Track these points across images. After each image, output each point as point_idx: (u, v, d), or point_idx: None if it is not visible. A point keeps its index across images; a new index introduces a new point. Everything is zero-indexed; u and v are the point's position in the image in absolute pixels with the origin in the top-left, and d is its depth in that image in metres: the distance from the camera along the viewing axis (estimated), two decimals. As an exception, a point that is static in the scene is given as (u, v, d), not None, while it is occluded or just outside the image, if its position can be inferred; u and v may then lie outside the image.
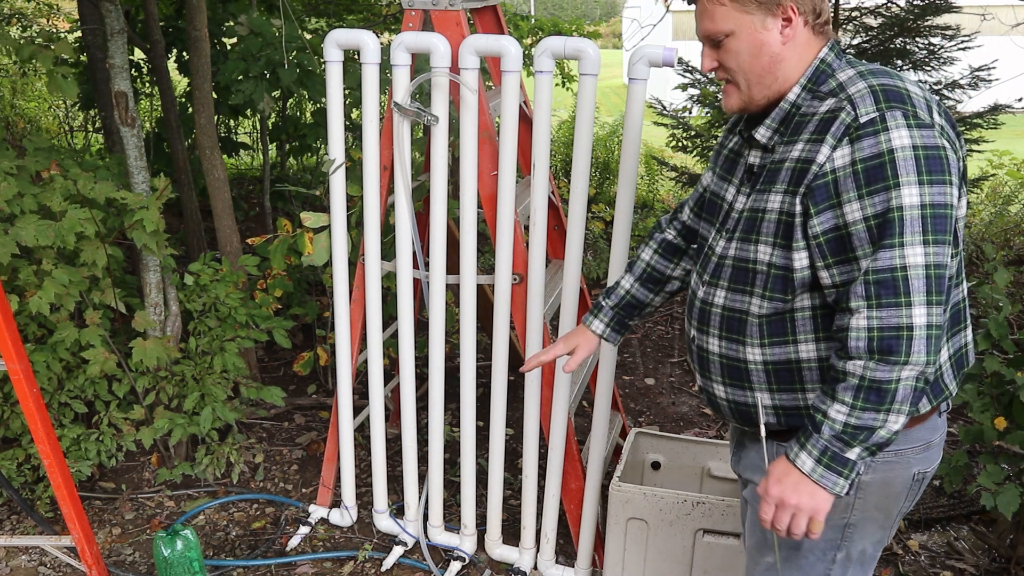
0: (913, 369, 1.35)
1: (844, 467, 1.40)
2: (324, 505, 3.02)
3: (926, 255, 1.32)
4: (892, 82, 1.39)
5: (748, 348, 1.55)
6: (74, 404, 2.97)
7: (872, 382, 1.36)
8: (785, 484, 1.44)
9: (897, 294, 1.33)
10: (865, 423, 1.37)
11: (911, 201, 1.31)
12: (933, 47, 4.67)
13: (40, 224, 2.63)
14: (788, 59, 1.47)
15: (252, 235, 3.16)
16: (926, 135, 1.33)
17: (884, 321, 1.34)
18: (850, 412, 1.38)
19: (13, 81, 7.66)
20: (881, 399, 1.36)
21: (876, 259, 1.34)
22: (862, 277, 1.36)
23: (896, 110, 1.34)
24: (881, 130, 1.33)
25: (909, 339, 1.33)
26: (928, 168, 1.32)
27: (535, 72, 2.24)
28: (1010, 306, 2.57)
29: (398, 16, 5.48)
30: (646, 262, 1.91)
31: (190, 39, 3.44)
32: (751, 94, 1.51)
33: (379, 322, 2.72)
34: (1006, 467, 2.45)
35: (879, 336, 1.34)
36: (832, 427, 1.39)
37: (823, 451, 1.40)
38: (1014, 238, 5.74)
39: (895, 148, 1.32)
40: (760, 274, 1.50)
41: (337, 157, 2.57)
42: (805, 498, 1.42)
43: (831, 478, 1.41)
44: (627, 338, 4.57)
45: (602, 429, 2.52)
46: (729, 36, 1.47)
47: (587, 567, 2.66)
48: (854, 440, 1.38)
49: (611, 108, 13.69)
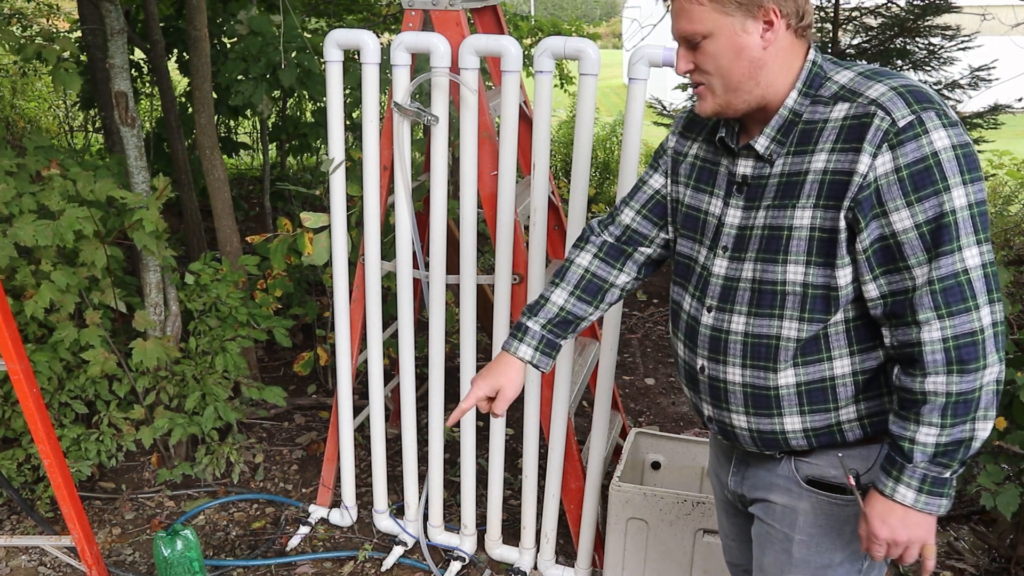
0: (991, 373, 1.33)
1: (944, 487, 1.37)
2: (324, 505, 3.02)
3: (981, 254, 1.31)
4: (909, 82, 1.36)
5: (780, 373, 1.48)
6: (74, 404, 2.97)
7: (957, 396, 1.32)
8: (892, 523, 1.39)
9: (965, 299, 1.31)
10: (955, 438, 1.34)
11: (961, 203, 1.29)
12: (933, 47, 4.67)
13: (39, 224, 2.63)
14: (769, 64, 1.41)
15: (252, 235, 3.15)
16: (959, 133, 1.31)
17: (958, 328, 1.31)
18: (940, 432, 1.34)
19: (13, 81, 7.66)
20: (968, 410, 1.33)
21: (939, 267, 1.31)
22: (926, 287, 1.32)
23: (930, 111, 1.31)
24: (921, 132, 1.30)
25: (983, 342, 1.31)
26: (968, 166, 1.30)
27: (535, 72, 2.24)
28: (1010, 306, 2.57)
29: (398, 16, 5.48)
30: (584, 268, 1.72)
31: (190, 39, 3.44)
32: (728, 99, 1.44)
33: (379, 322, 2.72)
34: (1006, 467, 2.45)
35: (955, 345, 1.32)
36: (925, 452, 1.35)
37: (922, 479, 1.36)
38: (1014, 238, 5.74)
39: (939, 150, 1.29)
40: (793, 295, 1.43)
41: (337, 157, 2.57)
42: (914, 530, 1.39)
43: (935, 502, 1.37)
44: (627, 338, 4.57)
45: (602, 429, 2.52)
46: (707, 38, 1.40)
47: (587, 567, 2.66)
48: (951, 460, 1.35)
49: (611, 108, 13.69)
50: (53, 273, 2.74)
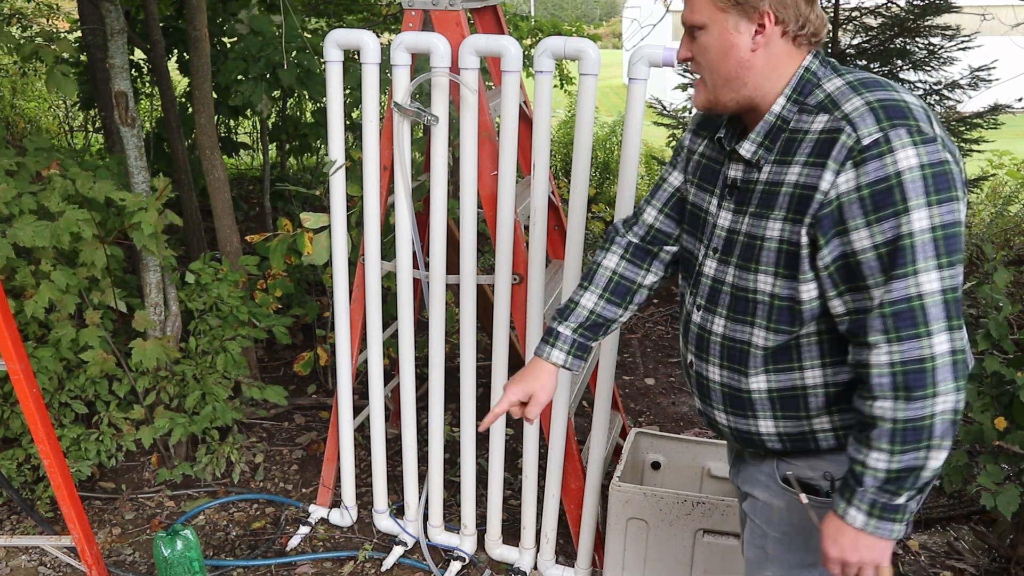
0: (944, 402, 1.29)
1: (896, 512, 1.35)
2: (324, 505, 3.02)
3: (941, 279, 1.27)
4: (889, 95, 1.32)
5: (751, 378, 1.50)
6: (74, 404, 2.97)
7: (906, 423, 1.30)
8: (842, 544, 1.40)
9: (916, 324, 1.28)
10: (906, 465, 1.32)
11: (921, 225, 1.26)
12: (933, 47, 4.67)
13: (38, 225, 2.63)
14: (759, 68, 1.40)
15: (252, 235, 3.16)
16: (932, 151, 1.27)
17: (906, 354, 1.29)
18: (890, 458, 1.32)
19: (13, 81, 7.66)
20: (919, 438, 1.30)
21: (890, 290, 1.28)
22: (877, 310, 1.30)
23: (900, 127, 1.28)
24: (886, 152, 1.27)
25: (933, 370, 1.28)
26: (936, 187, 1.26)
27: (535, 72, 2.24)
28: (1010, 306, 2.57)
29: (398, 16, 5.48)
30: (612, 270, 1.74)
31: (190, 39, 3.44)
32: (716, 94, 1.45)
33: (379, 322, 2.72)
34: (1006, 467, 2.45)
35: (902, 371, 1.29)
36: (875, 476, 1.34)
37: (872, 504, 1.35)
38: (1014, 238, 5.74)
39: (902, 170, 1.26)
40: (763, 304, 1.44)
41: (337, 157, 2.57)
42: (865, 552, 1.38)
43: (886, 527, 1.36)
44: (627, 338, 4.57)
45: (602, 429, 2.52)
46: (702, 30, 1.41)
47: (587, 567, 2.66)
48: (900, 487, 1.33)
49: (611, 108, 13.69)
50: (53, 273, 2.74)
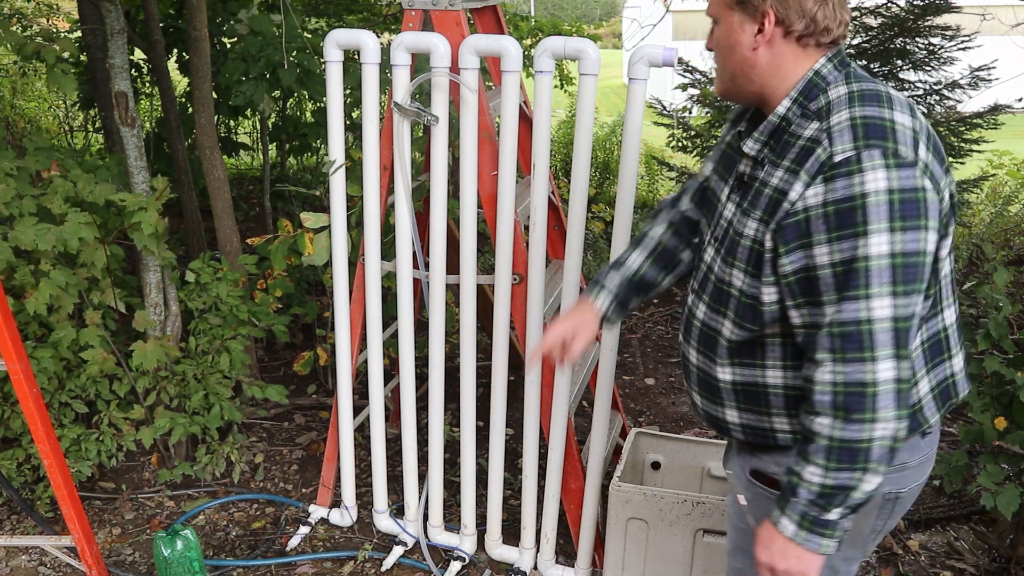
0: (884, 428, 1.30)
1: (826, 528, 1.37)
2: (324, 505, 3.02)
3: (894, 307, 1.26)
4: (878, 112, 1.31)
5: (719, 367, 1.54)
6: (74, 404, 2.97)
7: (842, 442, 1.32)
8: (772, 550, 1.42)
9: (862, 348, 1.28)
10: (841, 483, 1.33)
11: (879, 250, 1.25)
12: (933, 47, 4.67)
13: (40, 228, 2.63)
14: (762, 67, 1.41)
15: (252, 235, 3.16)
16: (905, 176, 1.25)
17: (848, 376, 1.30)
18: (825, 474, 1.34)
19: (13, 81, 7.66)
20: (854, 458, 1.32)
21: (841, 310, 1.28)
22: (827, 329, 1.31)
23: (875, 148, 1.26)
24: (856, 171, 1.25)
25: (874, 395, 1.29)
26: (903, 213, 1.24)
27: (535, 72, 2.24)
28: (1010, 306, 2.57)
29: (398, 16, 5.48)
30: (657, 240, 1.77)
31: (190, 39, 3.44)
32: (726, 86, 1.49)
33: (379, 322, 2.72)
34: (1006, 467, 2.46)
35: (844, 392, 1.30)
36: (809, 489, 1.36)
37: (803, 515, 1.38)
38: (1014, 238, 5.74)
39: (868, 192, 1.24)
40: (733, 299, 1.47)
41: (337, 157, 2.57)
42: (793, 562, 1.41)
43: (815, 540, 1.38)
44: (627, 338, 4.57)
45: (602, 429, 2.52)
46: (716, 23, 1.46)
47: (587, 567, 2.66)
48: (832, 502, 1.35)
49: (611, 108, 13.70)
50: (52, 272, 2.74)
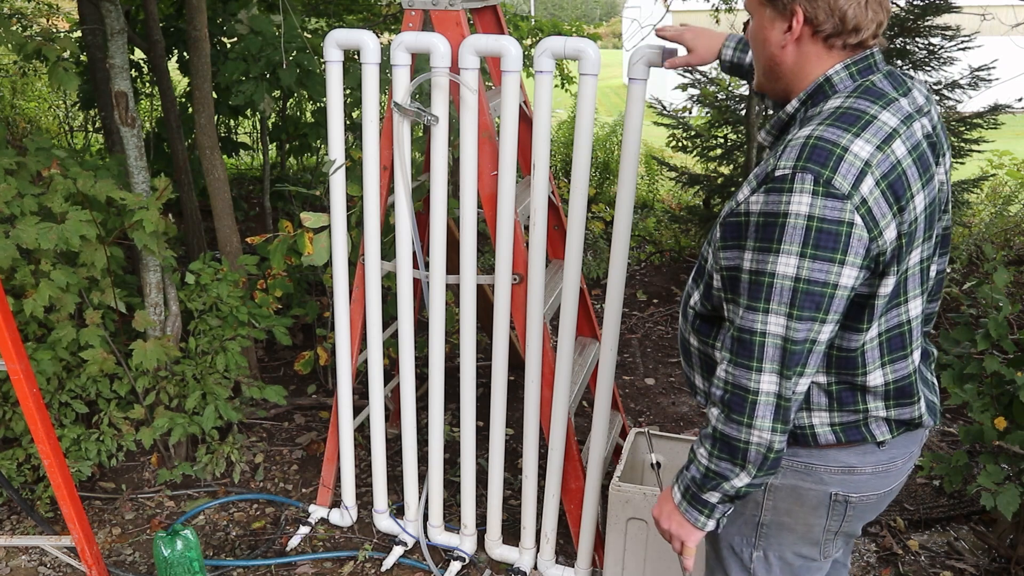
0: (760, 437, 1.35)
1: (704, 507, 1.47)
2: (324, 505, 3.02)
3: (787, 328, 1.30)
4: (836, 137, 1.28)
5: (691, 334, 1.61)
6: (74, 404, 2.97)
7: (722, 435, 1.39)
8: (663, 508, 1.55)
9: (751, 357, 1.33)
10: (719, 471, 1.41)
11: (785, 271, 1.27)
12: (933, 47, 4.68)
13: (41, 227, 2.63)
14: (788, 65, 1.42)
15: (252, 235, 3.16)
16: (830, 207, 1.24)
17: (736, 379, 1.36)
18: (709, 458, 1.42)
19: (13, 81, 7.66)
20: (733, 454, 1.38)
21: (743, 317, 1.34)
22: (731, 329, 1.37)
23: (809, 172, 1.26)
24: (786, 190, 1.27)
25: (753, 403, 1.34)
26: (816, 242, 1.25)
27: (535, 72, 2.24)
28: (1010, 306, 2.57)
29: (398, 16, 5.48)
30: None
31: (190, 39, 3.44)
32: (760, 80, 1.51)
33: (379, 322, 2.72)
34: (1006, 467, 2.45)
35: (731, 391, 1.37)
36: (697, 468, 1.45)
37: (686, 489, 1.48)
38: (1014, 238, 5.74)
39: (790, 212, 1.26)
40: (704, 274, 1.54)
41: (337, 157, 2.57)
42: (675, 526, 1.52)
43: (693, 514, 1.48)
44: (627, 338, 4.57)
45: (602, 429, 2.52)
46: (752, 18, 1.47)
47: (587, 567, 2.66)
48: (706, 485, 1.44)
49: (611, 108, 13.69)
50: (52, 272, 2.74)
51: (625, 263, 2.33)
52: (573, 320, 2.42)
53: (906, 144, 1.33)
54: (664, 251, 5.88)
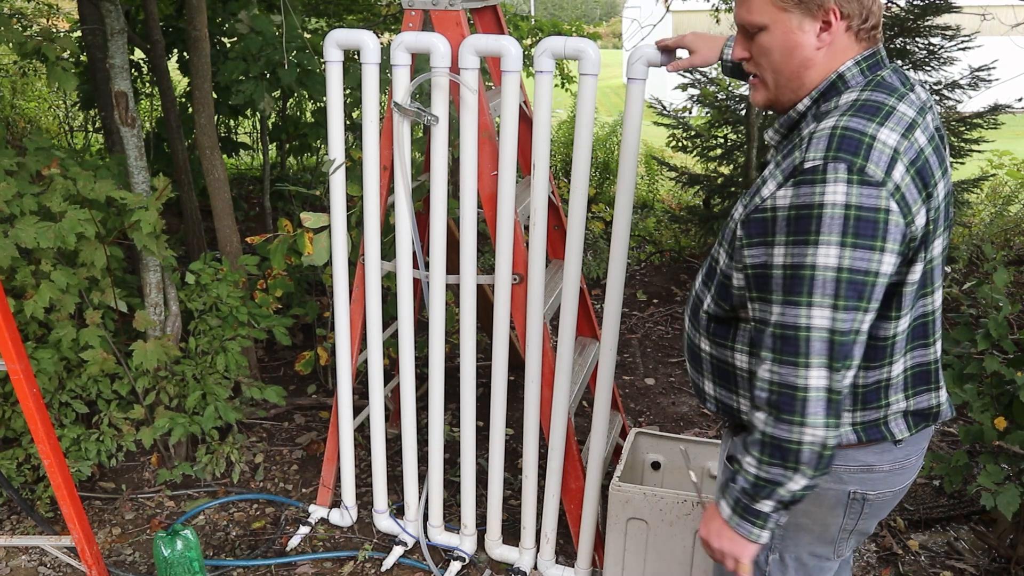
0: (812, 434, 1.32)
1: (757, 518, 1.42)
2: (324, 505, 3.02)
3: (833, 319, 1.28)
4: (862, 126, 1.29)
5: (701, 339, 1.59)
6: (74, 404, 2.97)
7: (773, 439, 1.35)
8: (711, 527, 1.49)
9: (797, 353, 1.30)
10: (772, 477, 1.37)
11: (826, 262, 1.26)
12: (933, 47, 4.68)
13: (40, 226, 2.63)
14: (820, 65, 1.39)
15: (252, 235, 3.16)
16: (867, 194, 1.25)
17: (783, 377, 1.32)
18: (759, 466, 1.38)
19: (13, 81, 7.66)
20: (785, 457, 1.34)
21: (784, 313, 1.31)
22: (770, 328, 1.34)
23: (841, 162, 1.26)
24: (819, 180, 1.26)
25: (804, 400, 1.31)
26: (856, 231, 1.25)
27: (535, 72, 2.24)
28: (1010, 306, 2.57)
29: (398, 16, 5.48)
30: None
31: (190, 39, 3.44)
32: (776, 94, 1.45)
33: (379, 322, 2.72)
34: (1006, 467, 2.45)
35: (778, 391, 1.33)
36: (745, 478, 1.40)
37: (736, 501, 1.43)
38: (1014, 238, 5.74)
39: (826, 203, 1.25)
40: (716, 276, 1.52)
41: (337, 157, 2.57)
42: (726, 543, 1.46)
43: (746, 527, 1.43)
44: (627, 338, 4.57)
45: (602, 429, 2.52)
46: (763, 31, 1.39)
47: (587, 567, 2.66)
48: (759, 494, 1.39)
49: (611, 108, 13.69)
50: (53, 273, 2.74)
51: (625, 263, 2.34)
52: (573, 320, 2.42)
53: (925, 134, 1.35)
54: (664, 251, 5.88)
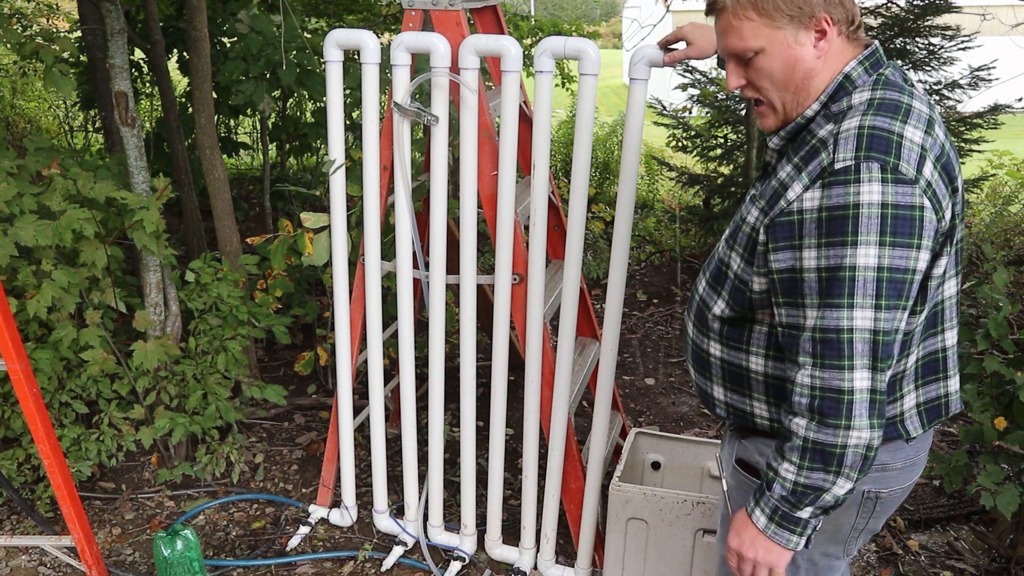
0: (857, 436, 1.31)
1: (796, 525, 1.40)
2: (324, 505, 3.02)
3: (875, 320, 1.27)
4: (888, 124, 1.29)
5: (710, 343, 1.57)
6: (74, 404, 2.97)
7: (816, 444, 1.34)
8: (743, 538, 1.46)
9: (840, 356, 1.29)
10: (814, 483, 1.35)
11: (866, 262, 1.25)
12: (933, 47, 4.68)
13: (39, 224, 2.63)
14: (820, 72, 1.40)
15: (252, 235, 3.16)
16: (902, 192, 1.25)
17: (826, 382, 1.31)
18: (798, 472, 1.36)
19: (13, 81, 7.66)
20: (827, 461, 1.33)
21: (823, 317, 1.30)
22: (809, 333, 1.32)
23: (874, 161, 1.25)
24: (852, 181, 1.25)
25: (849, 403, 1.30)
26: (894, 229, 1.25)
27: (535, 72, 2.24)
28: (1010, 306, 2.57)
29: (398, 16, 5.48)
30: None
31: (190, 39, 3.44)
32: (787, 113, 1.44)
33: (379, 322, 2.72)
34: (1006, 467, 2.45)
35: (820, 396, 1.32)
36: (783, 485, 1.38)
37: (774, 510, 1.41)
38: (1014, 238, 5.75)
39: (862, 203, 1.25)
40: (728, 280, 1.51)
41: (337, 158, 2.57)
42: (761, 553, 1.44)
43: (784, 535, 1.41)
44: (627, 338, 4.57)
45: (602, 429, 2.52)
46: (759, 54, 1.39)
47: (587, 567, 2.66)
48: (802, 501, 1.37)
49: (611, 108, 13.69)
50: (54, 272, 2.74)
51: (625, 263, 2.33)
52: (573, 320, 2.42)
53: (942, 129, 1.36)
54: (664, 251, 5.88)
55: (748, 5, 1.36)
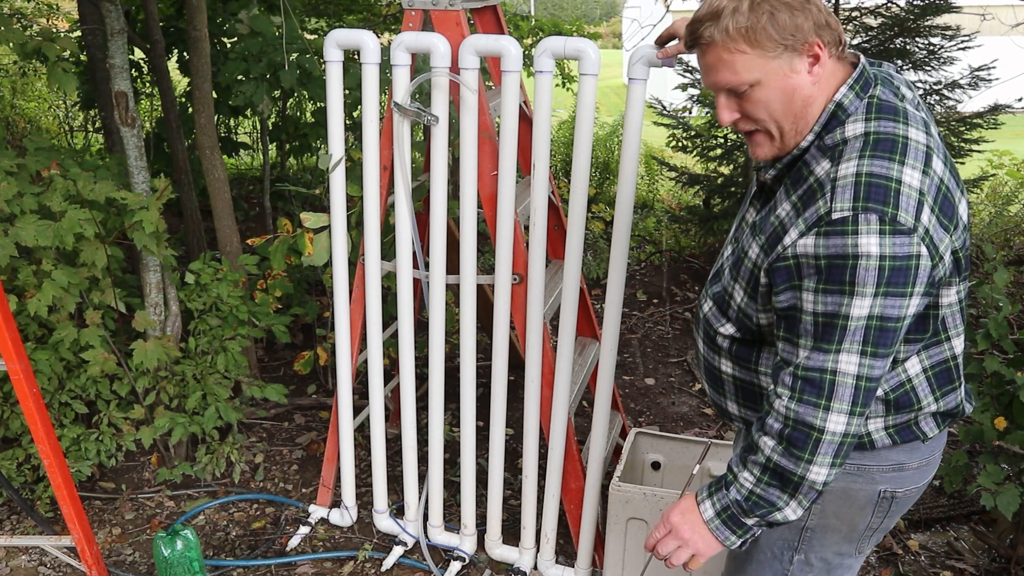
0: (817, 472, 1.35)
1: (739, 528, 1.44)
2: (324, 505, 3.02)
3: (860, 365, 1.30)
4: (886, 170, 1.27)
5: (721, 361, 1.59)
6: (74, 404, 2.97)
7: (777, 467, 1.37)
8: (686, 519, 1.48)
9: (820, 395, 1.32)
10: (769, 498, 1.40)
11: (860, 312, 1.27)
12: (933, 47, 4.68)
13: (40, 224, 2.63)
14: (817, 96, 1.37)
15: (252, 235, 3.16)
16: (899, 244, 1.24)
17: (800, 415, 1.34)
18: (756, 483, 1.40)
19: (13, 81, 7.66)
20: (785, 484, 1.38)
21: (811, 357, 1.32)
22: (794, 369, 1.34)
23: (872, 212, 1.24)
24: (851, 232, 1.25)
25: (817, 441, 1.33)
26: (890, 280, 1.25)
27: (535, 72, 2.24)
28: (1010, 306, 2.57)
29: (398, 16, 5.48)
30: None
31: (190, 39, 3.44)
32: (785, 142, 1.41)
33: (379, 322, 2.72)
34: (1006, 467, 2.46)
35: (792, 426, 1.35)
36: (739, 491, 1.42)
37: (725, 508, 1.44)
38: (1014, 238, 5.75)
39: (860, 255, 1.24)
40: (733, 309, 1.52)
41: (336, 155, 2.57)
42: (697, 539, 1.47)
43: (725, 533, 1.45)
44: (627, 338, 4.57)
45: (602, 429, 2.52)
46: (755, 86, 1.35)
47: (587, 567, 2.66)
48: (754, 510, 1.41)
49: (611, 108, 13.69)
50: (54, 272, 2.75)
51: (625, 263, 2.34)
52: (573, 320, 2.42)
53: (939, 155, 1.33)
54: (664, 251, 5.88)
55: (739, 38, 1.31)
